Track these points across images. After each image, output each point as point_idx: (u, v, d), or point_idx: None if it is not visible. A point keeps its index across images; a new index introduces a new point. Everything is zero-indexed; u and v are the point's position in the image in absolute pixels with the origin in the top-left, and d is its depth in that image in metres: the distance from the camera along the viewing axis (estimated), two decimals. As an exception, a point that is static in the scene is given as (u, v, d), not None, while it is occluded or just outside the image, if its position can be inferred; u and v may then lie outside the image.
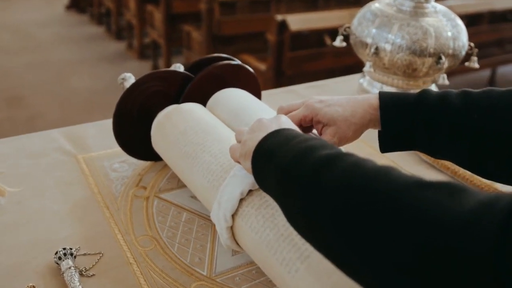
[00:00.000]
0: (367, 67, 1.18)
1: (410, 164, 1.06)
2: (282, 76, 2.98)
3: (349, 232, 0.46)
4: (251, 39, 3.54)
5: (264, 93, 1.33)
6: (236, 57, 3.28)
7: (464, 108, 0.70)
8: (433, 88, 1.27)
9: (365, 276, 0.46)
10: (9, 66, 4.47)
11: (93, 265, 0.77)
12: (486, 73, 4.42)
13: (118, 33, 5.32)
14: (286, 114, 0.77)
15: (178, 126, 0.84)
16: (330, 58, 2.97)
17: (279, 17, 2.83)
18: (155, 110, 0.95)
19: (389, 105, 0.73)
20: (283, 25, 2.84)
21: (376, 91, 1.25)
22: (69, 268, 0.73)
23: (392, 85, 1.22)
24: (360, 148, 1.10)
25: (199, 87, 0.98)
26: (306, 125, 0.76)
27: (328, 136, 0.73)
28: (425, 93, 0.72)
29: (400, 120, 0.72)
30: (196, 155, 0.78)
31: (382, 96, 0.74)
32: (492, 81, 4.41)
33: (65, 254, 0.75)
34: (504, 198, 0.39)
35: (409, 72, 1.16)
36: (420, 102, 0.72)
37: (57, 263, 0.75)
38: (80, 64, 4.65)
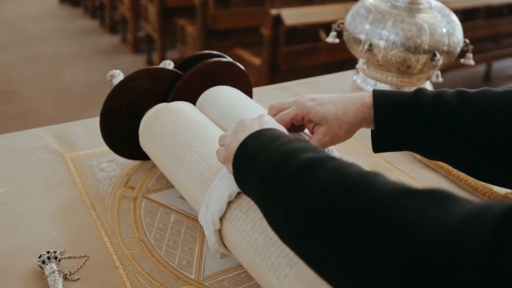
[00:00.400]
0: (360, 64, 1.16)
1: (403, 163, 1.04)
2: (277, 71, 2.96)
3: (330, 238, 0.45)
4: (246, 33, 3.51)
5: (256, 90, 1.31)
6: (231, 52, 3.24)
7: (459, 108, 0.68)
8: (428, 85, 1.26)
9: (346, 285, 0.45)
10: (1, 60, 4.43)
11: (78, 269, 0.75)
12: (482, 68, 4.41)
13: (112, 27, 5.28)
14: (277, 112, 0.75)
15: (166, 125, 0.82)
16: (325, 53, 2.94)
17: (273, 12, 2.80)
18: (144, 108, 0.93)
19: (383, 103, 0.71)
20: (277, 19, 2.82)
21: (369, 88, 1.23)
22: (53, 272, 0.72)
23: (386, 82, 1.20)
24: (354, 147, 1.09)
25: (188, 85, 0.96)
26: (297, 123, 0.74)
27: (319, 135, 0.71)
28: (420, 92, 0.71)
29: (394, 119, 0.70)
30: (184, 155, 0.76)
31: (376, 94, 0.72)
32: (487, 76, 4.41)
33: (49, 258, 0.73)
34: (494, 207, 0.37)
35: (403, 69, 1.14)
36: (415, 101, 0.70)
37: (41, 267, 0.73)
38: (73, 58, 4.61)
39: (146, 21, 4.31)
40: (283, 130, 0.65)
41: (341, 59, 2.89)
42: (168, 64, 1.07)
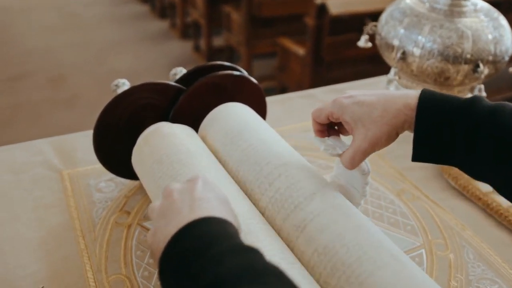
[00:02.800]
0: (392, 75, 1.03)
1: (434, 190, 0.92)
2: (321, 62, 2.83)
3: None
4: (292, 21, 3.38)
5: (279, 97, 1.21)
6: (275, 40, 3.09)
7: None
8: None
9: None
10: (53, 45, 4.50)
11: (53, 311, 0.68)
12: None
13: (162, 12, 5.26)
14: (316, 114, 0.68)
15: (155, 153, 0.74)
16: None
17: (318, 0, 2.66)
18: (144, 124, 0.85)
19: (428, 105, 0.60)
20: (322, 8, 2.68)
21: (403, 99, 1.10)
22: (23, 316, 0.65)
23: (422, 93, 1.07)
24: (380, 167, 0.97)
25: (193, 101, 0.87)
26: (334, 121, 0.67)
27: (358, 141, 0.63)
28: (475, 100, 0.59)
29: (438, 125, 0.59)
30: (168, 192, 0.67)
31: (423, 94, 0.61)
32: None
33: (21, 300, 0.67)
34: None
35: (441, 80, 1.01)
36: (466, 109, 0.59)
37: (13, 308, 0.67)
38: (122, 43, 4.62)
39: (193, 7, 4.24)
40: (226, 201, 0.55)
41: (389, 51, 2.72)
42: (180, 72, 0.99)
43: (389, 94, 0.63)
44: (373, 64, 2.72)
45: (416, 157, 0.62)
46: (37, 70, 4.00)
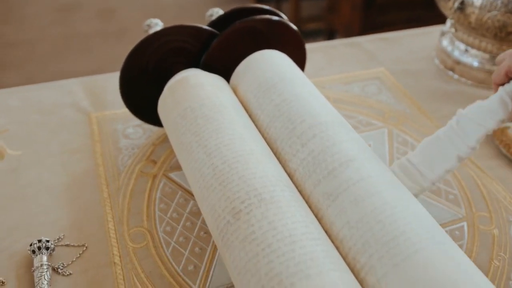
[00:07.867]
0: (447, 27, 0.94)
1: (484, 157, 0.84)
2: (372, 5, 2.68)
3: None
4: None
5: (321, 45, 1.13)
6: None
7: None
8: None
9: None
10: (101, -24, 4.44)
11: (72, 261, 0.66)
12: None
13: None
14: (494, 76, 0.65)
15: (179, 105, 0.69)
16: (428, -13, 2.60)
17: None
18: (174, 71, 0.81)
19: None
20: None
21: (457, 53, 1.01)
22: (41, 266, 0.64)
23: (478, 49, 0.97)
24: (423, 125, 0.90)
25: (226, 47, 0.81)
26: None
27: None
28: None
29: None
30: (191, 149, 0.63)
31: None
32: None
33: (39, 248, 0.65)
34: None
35: (502, 35, 0.91)
36: None
37: (32, 256, 0.66)
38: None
39: None
40: None
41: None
42: (216, 13, 0.93)
43: None
44: (429, 9, 2.55)
45: None
46: (87, 1, 3.97)
